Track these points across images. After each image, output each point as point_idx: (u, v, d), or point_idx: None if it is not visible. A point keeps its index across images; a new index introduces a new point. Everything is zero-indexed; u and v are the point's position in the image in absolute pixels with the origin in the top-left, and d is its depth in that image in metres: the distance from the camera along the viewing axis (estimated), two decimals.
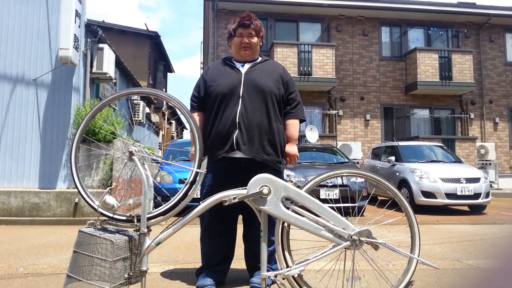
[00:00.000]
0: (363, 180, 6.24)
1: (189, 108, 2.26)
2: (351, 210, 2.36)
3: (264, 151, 2.28)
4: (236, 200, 1.89)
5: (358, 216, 2.32)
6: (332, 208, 1.91)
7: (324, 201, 3.06)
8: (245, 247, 2.47)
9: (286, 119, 2.44)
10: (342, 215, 1.90)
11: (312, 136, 10.39)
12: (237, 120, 2.25)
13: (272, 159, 2.31)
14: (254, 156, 2.26)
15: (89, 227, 1.87)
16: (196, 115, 2.41)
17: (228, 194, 1.92)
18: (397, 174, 7.61)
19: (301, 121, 2.50)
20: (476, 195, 6.78)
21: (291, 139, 2.43)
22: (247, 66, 2.42)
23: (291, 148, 2.43)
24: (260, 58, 2.52)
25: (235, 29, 2.42)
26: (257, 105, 2.29)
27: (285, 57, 11.64)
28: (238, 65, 2.43)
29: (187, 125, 2.38)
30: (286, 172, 6.32)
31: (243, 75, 2.36)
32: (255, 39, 2.42)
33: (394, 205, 2.18)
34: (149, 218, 1.90)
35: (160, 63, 17.50)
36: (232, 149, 2.25)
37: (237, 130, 2.25)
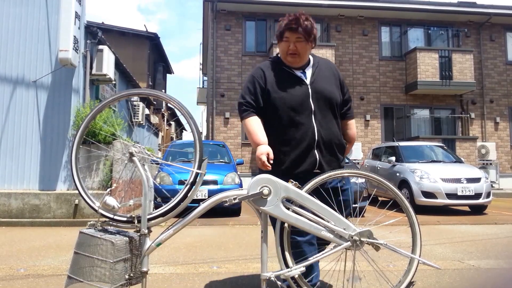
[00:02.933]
0: (363, 180, 6.23)
1: (236, 113, 2.13)
2: (351, 211, 2.36)
3: (338, 161, 2.28)
4: (237, 200, 1.88)
5: (359, 216, 2.31)
6: (332, 208, 1.91)
7: None
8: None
9: (345, 120, 2.39)
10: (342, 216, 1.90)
11: None
12: (316, 138, 2.17)
13: (342, 164, 2.33)
14: (331, 169, 2.19)
15: (90, 228, 1.86)
16: (255, 118, 2.21)
17: (228, 194, 1.92)
18: (398, 174, 7.60)
19: None
20: (477, 195, 6.76)
21: (353, 140, 2.46)
22: (308, 74, 2.26)
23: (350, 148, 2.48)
24: (312, 59, 2.32)
25: (282, 32, 2.19)
26: (329, 119, 2.23)
27: None
28: (298, 72, 2.24)
29: (186, 126, 2.36)
30: None
31: (309, 87, 2.22)
32: (303, 44, 2.17)
33: (395, 206, 2.17)
34: (149, 219, 1.90)
35: (159, 65, 17.51)
36: (313, 167, 2.18)
37: (317, 150, 2.18)
